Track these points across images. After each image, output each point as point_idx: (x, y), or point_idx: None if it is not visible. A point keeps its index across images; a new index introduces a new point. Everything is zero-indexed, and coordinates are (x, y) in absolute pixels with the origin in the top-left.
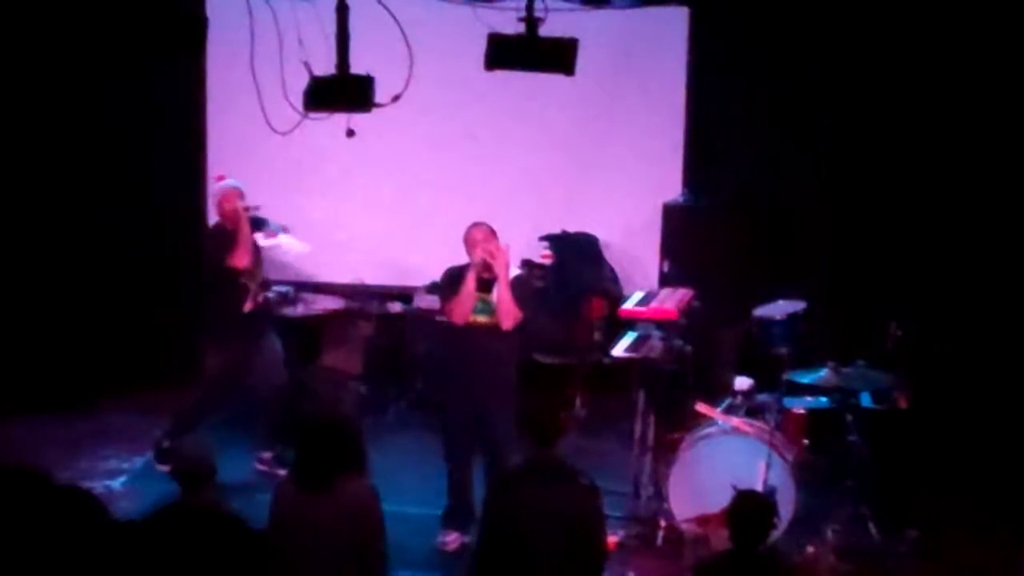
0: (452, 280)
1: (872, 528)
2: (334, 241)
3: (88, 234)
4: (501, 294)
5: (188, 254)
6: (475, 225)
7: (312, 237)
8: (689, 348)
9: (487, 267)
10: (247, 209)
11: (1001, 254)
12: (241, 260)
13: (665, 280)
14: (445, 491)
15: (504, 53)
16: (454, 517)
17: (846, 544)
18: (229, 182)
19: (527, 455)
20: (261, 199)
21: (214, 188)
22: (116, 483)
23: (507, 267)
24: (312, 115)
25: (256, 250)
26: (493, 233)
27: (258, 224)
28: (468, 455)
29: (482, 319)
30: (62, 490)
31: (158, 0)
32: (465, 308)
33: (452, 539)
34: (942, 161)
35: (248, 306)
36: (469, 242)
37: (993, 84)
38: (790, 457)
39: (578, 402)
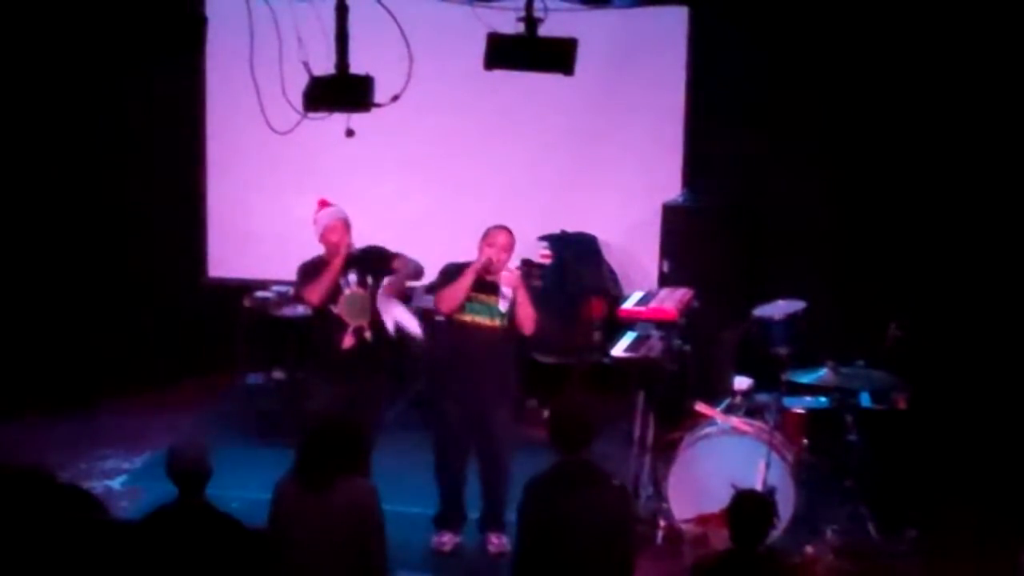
0: (449, 274)
1: (871, 528)
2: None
3: (88, 234)
4: (523, 304)
5: (188, 254)
6: (500, 228)
7: (311, 237)
8: (688, 348)
9: (488, 268)
10: (350, 246)
11: (1001, 254)
12: (312, 295)
13: (664, 280)
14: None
15: (503, 53)
16: (447, 519)
17: (845, 544)
18: (335, 211)
19: (557, 460)
20: (260, 199)
21: (319, 215)
22: (116, 483)
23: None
24: (311, 115)
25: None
26: (513, 244)
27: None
28: (461, 456)
29: (482, 320)
30: (62, 490)
31: (158, 0)
32: (455, 298)
33: (447, 540)
34: (942, 161)
35: (348, 342)
36: (487, 241)
37: (993, 84)
38: (789, 457)
39: None
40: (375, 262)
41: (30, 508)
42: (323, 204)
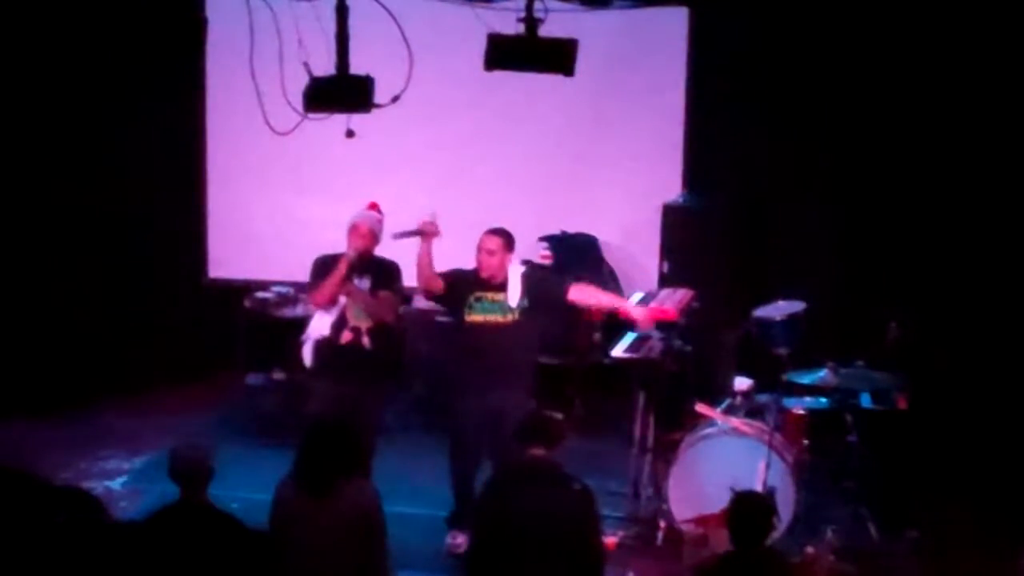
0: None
1: (872, 528)
2: (333, 241)
3: (88, 235)
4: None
5: (188, 255)
6: (488, 233)
7: (311, 238)
8: (689, 348)
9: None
10: (364, 253)
11: (1001, 254)
12: (318, 297)
13: (664, 281)
14: (450, 493)
15: (504, 54)
16: (461, 519)
17: (846, 544)
18: (367, 215)
19: (520, 459)
20: (260, 199)
21: (356, 213)
22: (116, 484)
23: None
24: (312, 116)
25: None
26: (508, 244)
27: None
28: (476, 457)
29: (494, 317)
30: (62, 490)
31: (158, 0)
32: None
33: (461, 540)
34: (942, 161)
35: (345, 337)
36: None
37: (993, 84)
38: (790, 458)
39: (577, 403)
40: (385, 276)
41: (23, 508)
42: (371, 206)
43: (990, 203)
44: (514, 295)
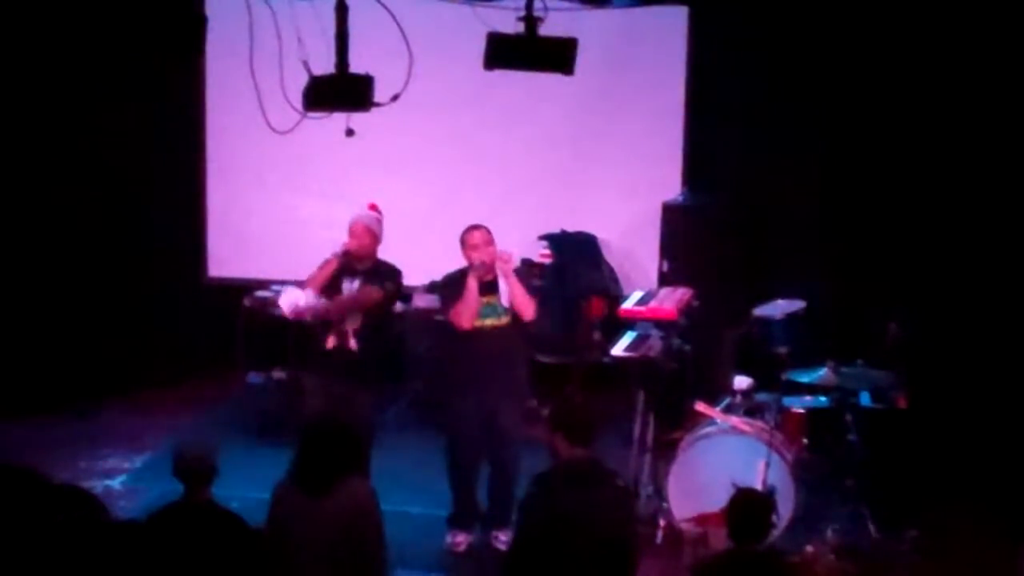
0: (452, 285)
1: (871, 527)
2: (333, 241)
3: (88, 234)
4: (514, 289)
5: (188, 254)
6: (473, 228)
7: (311, 237)
8: (688, 348)
9: (487, 269)
10: (347, 254)
11: (1000, 254)
12: (309, 283)
13: (664, 280)
14: (449, 492)
15: (503, 53)
16: (462, 518)
17: (845, 543)
18: (365, 216)
19: (562, 456)
20: (260, 199)
21: (354, 214)
22: (116, 483)
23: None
24: (311, 114)
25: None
26: (490, 238)
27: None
28: (476, 457)
29: (488, 322)
30: (62, 490)
31: (158, 0)
32: (471, 311)
33: (461, 540)
34: (941, 161)
35: (330, 343)
36: (468, 245)
37: (992, 83)
38: (789, 456)
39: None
40: (379, 277)
41: (23, 507)
42: (371, 207)
43: (990, 203)
44: (504, 294)
